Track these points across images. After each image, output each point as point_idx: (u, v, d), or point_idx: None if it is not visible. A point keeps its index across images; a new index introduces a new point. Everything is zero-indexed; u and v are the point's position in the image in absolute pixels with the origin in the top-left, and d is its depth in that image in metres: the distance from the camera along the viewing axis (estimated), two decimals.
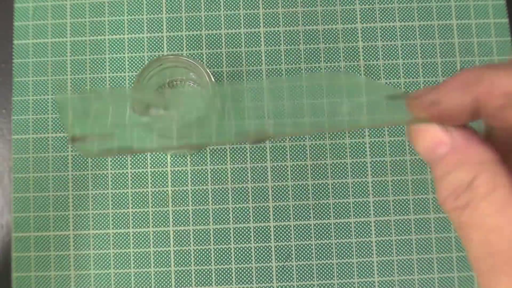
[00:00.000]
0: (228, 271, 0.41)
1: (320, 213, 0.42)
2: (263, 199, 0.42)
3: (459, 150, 0.23)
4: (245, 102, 0.29)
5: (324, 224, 0.42)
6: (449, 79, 0.23)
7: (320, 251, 0.42)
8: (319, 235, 0.42)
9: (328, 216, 0.42)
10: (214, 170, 0.42)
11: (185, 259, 0.42)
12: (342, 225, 0.42)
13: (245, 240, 0.42)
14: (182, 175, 0.42)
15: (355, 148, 0.43)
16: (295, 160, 0.42)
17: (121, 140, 0.27)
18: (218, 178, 0.42)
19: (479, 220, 0.21)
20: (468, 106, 0.22)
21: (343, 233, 0.42)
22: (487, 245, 0.20)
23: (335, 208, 0.42)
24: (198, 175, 0.42)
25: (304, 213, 0.42)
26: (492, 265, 0.20)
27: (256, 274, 0.41)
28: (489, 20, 0.45)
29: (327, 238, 0.42)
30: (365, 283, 0.41)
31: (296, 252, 0.42)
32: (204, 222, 0.42)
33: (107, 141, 0.26)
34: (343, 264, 0.42)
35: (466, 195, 0.21)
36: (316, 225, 0.42)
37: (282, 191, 0.42)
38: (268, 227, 0.42)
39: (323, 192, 0.42)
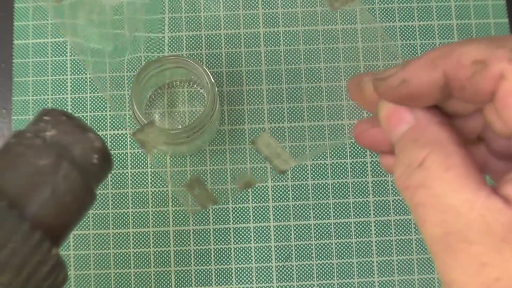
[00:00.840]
0: (228, 271, 0.41)
1: (320, 213, 0.42)
2: (263, 199, 0.42)
3: (418, 128, 0.22)
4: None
5: (324, 224, 0.42)
6: (417, 57, 0.22)
7: (320, 251, 0.42)
8: (319, 235, 0.42)
9: (328, 216, 0.42)
10: (213, 170, 0.42)
11: (185, 259, 0.42)
12: (342, 225, 0.42)
13: (245, 240, 0.42)
14: (182, 175, 0.42)
15: (355, 148, 0.43)
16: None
17: None
18: (218, 178, 0.42)
19: (433, 200, 0.20)
20: (438, 82, 0.21)
21: (343, 233, 0.42)
22: (442, 224, 0.20)
23: (335, 208, 0.42)
24: (197, 175, 0.42)
25: (304, 213, 0.42)
26: (448, 244, 0.20)
27: (256, 274, 0.42)
28: (489, 20, 0.45)
29: (327, 238, 0.42)
30: (365, 283, 0.41)
31: (296, 252, 0.42)
32: (204, 222, 0.42)
33: None
34: (343, 264, 0.42)
35: (418, 173, 0.21)
36: (316, 225, 0.42)
37: (282, 191, 0.42)
38: (268, 227, 0.42)
39: (323, 192, 0.42)
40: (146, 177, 0.42)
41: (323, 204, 0.42)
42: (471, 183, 0.20)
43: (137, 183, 0.42)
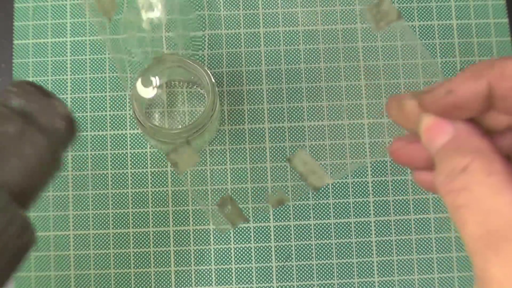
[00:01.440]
0: (228, 271, 0.41)
1: (320, 213, 0.42)
2: (263, 199, 0.42)
3: (459, 138, 0.24)
4: None
5: (324, 224, 0.42)
6: (462, 71, 0.24)
7: (320, 251, 0.42)
8: (319, 235, 0.42)
9: (328, 216, 0.42)
10: (214, 171, 0.42)
11: (185, 259, 0.42)
12: (342, 225, 0.42)
13: (245, 240, 0.42)
14: (182, 175, 0.42)
15: (355, 148, 0.43)
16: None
17: None
18: (218, 178, 0.42)
19: (475, 202, 0.21)
20: (481, 92, 0.23)
21: (343, 233, 0.42)
22: (485, 224, 0.21)
23: (335, 208, 0.42)
24: (198, 175, 0.42)
25: (304, 213, 0.42)
26: (490, 242, 0.21)
27: (256, 274, 0.41)
28: (489, 20, 0.45)
29: (327, 238, 0.42)
30: (365, 283, 0.41)
31: (296, 252, 0.42)
32: (204, 222, 0.42)
33: None
34: (343, 264, 0.42)
35: (461, 178, 0.22)
36: (316, 225, 0.42)
37: (282, 191, 0.42)
38: (268, 227, 0.42)
39: (323, 192, 0.42)
40: (146, 177, 0.42)
41: (323, 204, 0.42)
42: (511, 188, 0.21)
43: (137, 183, 0.42)
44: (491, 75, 0.23)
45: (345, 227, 0.42)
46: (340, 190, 0.42)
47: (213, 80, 0.37)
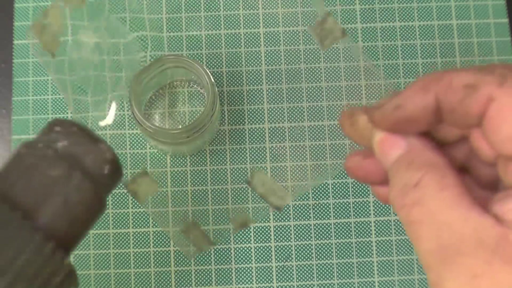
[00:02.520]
0: (228, 271, 0.41)
1: (320, 213, 0.42)
2: (263, 199, 0.42)
3: (411, 152, 0.24)
4: None
5: (324, 224, 0.42)
6: (410, 84, 0.23)
7: (320, 251, 0.42)
8: (319, 235, 0.42)
9: (328, 216, 0.42)
10: (214, 171, 0.42)
11: (185, 259, 0.42)
12: (342, 225, 0.42)
13: (245, 240, 0.42)
14: (182, 176, 0.42)
15: (355, 148, 0.43)
16: (295, 161, 0.42)
17: None
18: (218, 178, 0.42)
19: (428, 217, 0.21)
20: (430, 106, 0.23)
21: (343, 233, 0.42)
22: (437, 239, 0.21)
23: (335, 208, 0.42)
24: (198, 175, 0.42)
25: (304, 213, 0.42)
26: (443, 257, 0.21)
27: (256, 274, 0.42)
28: (489, 20, 0.45)
29: (327, 238, 0.42)
30: (365, 283, 0.42)
31: (296, 252, 0.42)
32: (204, 223, 0.42)
33: None
34: (343, 264, 0.42)
35: (414, 193, 0.22)
36: (316, 225, 0.42)
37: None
38: (268, 227, 0.42)
39: (323, 192, 0.42)
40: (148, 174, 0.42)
41: (323, 204, 0.42)
42: (464, 202, 0.21)
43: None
44: (439, 88, 0.22)
45: (345, 227, 0.42)
46: (340, 190, 0.42)
47: (213, 80, 0.37)
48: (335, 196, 0.42)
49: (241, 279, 0.41)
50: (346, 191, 0.42)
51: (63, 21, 0.37)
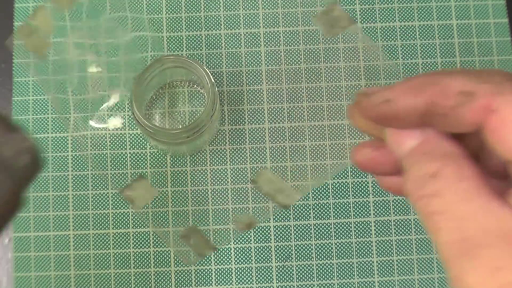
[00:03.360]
0: (228, 271, 0.41)
1: (320, 213, 0.42)
2: (263, 199, 0.42)
3: (428, 142, 0.23)
4: None
5: (324, 224, 0.42)
6: (405, 80, 0.23)
7: (320, 251, 0.42)
8: (319, 235, 0.42)
9: (328, 216, 0.42)
10: (214, 170, 0.42)
11: None
12: (342, 225, 0.42)
13: (245, 240, 0.42)
14: (182, 175, 0.42)
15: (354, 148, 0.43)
16: (295, 161, 0.42)
17: None
18: (218, 178, 0.42)
19: (449, 208, 0.21)
20: (420, 108, 0.22)
21: (343, 233, 0.42)
22: (459, 231, 0.21)
23: (335, 208, 0.42)
24: (198, 175, 0.42)
25: (304, 213, 0.42)
26: (464, 249, 0.20)
27: (256, 274, 0.41)
28: (489, 20, 0.45)
29: (327, 238, 0.42)
30: (365, 283, 0.42)
31: (296, 252, 0.42)
32: (204, 223, 0.42)
33: None
34: (343, 264, 0.42)
35: (433, 184, 0.22)
36: (316, 225, 0.42)
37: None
38: (268, 227, 0.42)
39: (323, 192, 0.42)
40: (146, 177, 0.42)
41: (323, 204, 0.42)
42: (484, 193, 0.21)
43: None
44: (432, 91, 0.22)
45: (345, 227, 0.42)
46: (340, 190, 0.42)
47: (213, 80, 0.37)
48: (335, 196, 0.42)
49: (241, 279, 0.41)
50: (346, 191, 0.42)
51: (52, 22, 0.36)
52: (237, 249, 0.42)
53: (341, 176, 0.42)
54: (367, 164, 0.27)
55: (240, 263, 0.42)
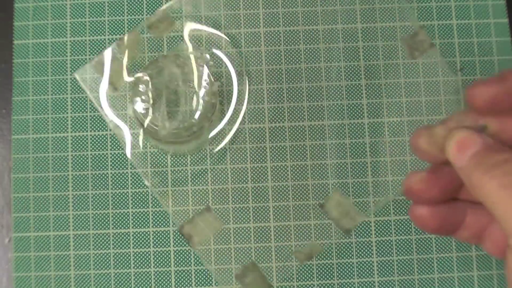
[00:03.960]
0: (228, 271, 0.41)
1: (320, 213, 0.42)
2: (263, 199, 0.42)
3: (490, 145, 0.29)
4: None
5: (324, 224, 0.42)
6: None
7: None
8: (319, 235, 0.42)
9: (328, 216, 0.42)
10: (214, 170, 0.42)
11: (185, 259, 0.42)
12: None
13: (245, 240, 0.42)
14: (182, 175, 0.42)
15: (355, 148, 0.43)
16: (295, 160, 0.42)
17: None
18: (218, 178, 0.42)
19: None
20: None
21: (343, 233, 0.42)
22: None
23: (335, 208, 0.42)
24: (198, 175, 0.42)
25: (304, 213, 0.42)
26: None
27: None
28: (489, 20, 0.45)
29: (327, 238, 0.42)
30: (365, 283, 0.41)
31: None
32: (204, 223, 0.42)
33: None
34: (343, 264, 0.42)
35: (507, 166, 0.27)
36: (316, 225, 0.42)
37: (282, 191, 0.42)
38: (268, 227, 0.42)
39: (323, 192, 0.42)
40: (146, 177, 0.42)
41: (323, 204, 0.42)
42: None
43: (137, 183, 0.42)
44: None
45: None
46: (340, 190, 0.42)
47: (213, 80, 0.37)
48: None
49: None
50: (346, 191, 0.42)
51: (137, 54, 0.34)
52: (237, 249, 0.42)
53: (341, 176, 0.42)
54: (419, 190, 0.32)
55: (240, 263, 0.42)
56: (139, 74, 0.38)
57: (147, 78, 0.38)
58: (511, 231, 0.26)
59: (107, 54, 0.34)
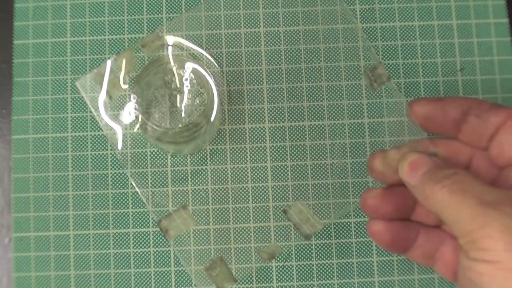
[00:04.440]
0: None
1: (320, 213, 0.42)
2: (263, 199, 0.42)
3: (439, 164, 0.33)
4: None
5: (324, 224, 0.42)
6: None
7: (320, 251, 0.42)
8: (319, 235, 0.42)
9: (328, 216, 0.42)
10: (214, 170, 0.42)
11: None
12: (342, 225, 0.42)
13: (245, 240, 0.42)
14: (182, 175, 0.42)
15: (355, 148, 0.43)
16: (295, 160, 0.42)
17: None
18: (218, 178, 0.42)
19: (470, 187, 0.30)
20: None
21: (343, 233, 0.42)
22: (479, 198, 0.29)
23: (335, 208, 0.42)
24: (198, 175, 0.42)
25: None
26: (485, 207, 0.28)
27: (256, 274, 0.41)
28: (489, 20, 0.45)
29: (327, 238, 0.42)
30: (365, 283, 0.41)
31: (296, 252, 0.42)
32: (204, 222, 0.42)
33: None
34: (343, 264, 0.42)
35: (455, 176, 0.30)
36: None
37: (282, 191, 0.42)
38: (268, 227, 0.42)
39: (323, 192, 0.42)
40: (146, 177, 0.42)
41: (323, 204, 0.42)
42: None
43: (137, 183, 0.42)
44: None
45: (345, 227, 0.42)
46: (340, 190, 0.42)
47: (213, 79, 0.37)
48: (335, 196, 0.42)
49: (241, 279, 0.41)
50: (346, 191, 0.42)
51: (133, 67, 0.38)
52: (237, 249, 0.42)
53: (342, 176, 0.42)
54: (372, 206, 0.36)
55: (240, 263, 0.42)
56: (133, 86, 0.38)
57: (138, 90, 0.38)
58: (462, 232, 0.29)
59: (106, 66, 0.37)
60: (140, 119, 0.37)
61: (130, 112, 0.38)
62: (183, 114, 0.41)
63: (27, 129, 0.43)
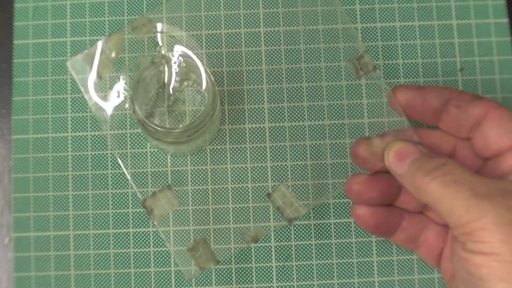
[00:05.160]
0: (228, 271, 0.41)
1: (320, 213, 0.42)
2: (263, 199, 0.42)
3: (427, 154, 0.33)
4: None
5: (324, 224, 0.42)
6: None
7: (320, 251, 0.42)
8: (319, 235, 0.42)
9: (328, 216, 0.42)
10: (214, 170, 0.42)
11: None
12: (342, 225, 0.42)
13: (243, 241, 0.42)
14: (182, 175, 0.42)
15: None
16: (295, 160, 0.42)
17: None
18: (218, 178, 0.42)
19: (461, 178, 0.30)
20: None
21: (343, 233, 0.42)
22: (472, 190, 0.29)
23: (335, 208, 0.42)
24: (198, 175, 0.42)
25: (304, 213, 0.42)
26: (479, 199, 0.29)
27: (256, 274, 0.41)
28: (489, 20, 0.45)
29: (327, 238, 0.42)
30: (365, 283, 0.41)
31: (296, 252, 0.42)
32: (204, 222, 0.42)
33: None
34: (343, 264, 0.42)
35: (445, 167, 0.31)
36: (316, 225, 0.42)
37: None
38: (268, 227, 0.42)
39: (323, 192, 0.42)
40: (146, 177, 0.42)
41: (323, 204, 0.42)
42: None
43: (137, 183, 0.42)
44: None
45: (345, 227, 0.42)
46: (340, 190, 0.42)
47: (213, 79, 0.37)
48: (335, 196, 0.42)
49: (241, 279, 0.41)
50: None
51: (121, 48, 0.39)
52: (237, 249, 0.42)
53: (341, 176, 0.42)
54: (358, 192, 0.37)
55: (240, 263, 0.42)
56: (138, 73, 0.38)
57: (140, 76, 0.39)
58: (457, 223, 0.29)
59: (97, 47, 0.38)
60: (128, 99, 0.37)
61: (119, 92, 0.39)
62: (184, 115, 0.41)
63: (27, 129, 0.43)
